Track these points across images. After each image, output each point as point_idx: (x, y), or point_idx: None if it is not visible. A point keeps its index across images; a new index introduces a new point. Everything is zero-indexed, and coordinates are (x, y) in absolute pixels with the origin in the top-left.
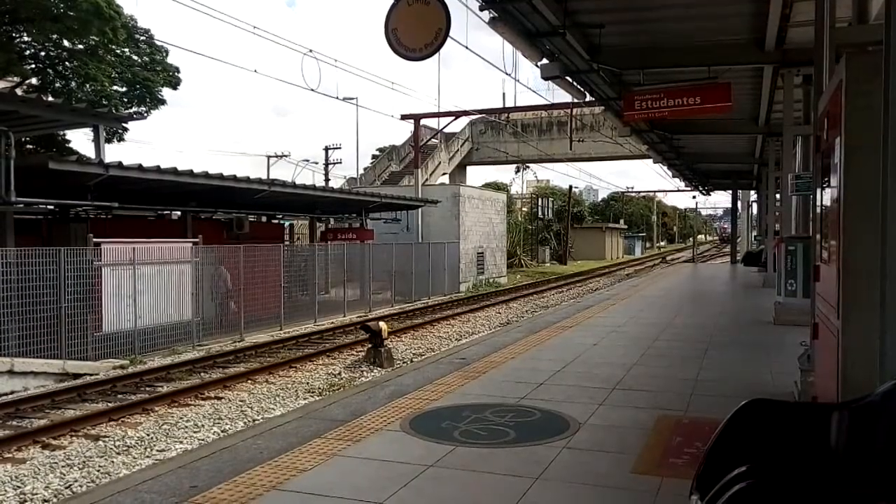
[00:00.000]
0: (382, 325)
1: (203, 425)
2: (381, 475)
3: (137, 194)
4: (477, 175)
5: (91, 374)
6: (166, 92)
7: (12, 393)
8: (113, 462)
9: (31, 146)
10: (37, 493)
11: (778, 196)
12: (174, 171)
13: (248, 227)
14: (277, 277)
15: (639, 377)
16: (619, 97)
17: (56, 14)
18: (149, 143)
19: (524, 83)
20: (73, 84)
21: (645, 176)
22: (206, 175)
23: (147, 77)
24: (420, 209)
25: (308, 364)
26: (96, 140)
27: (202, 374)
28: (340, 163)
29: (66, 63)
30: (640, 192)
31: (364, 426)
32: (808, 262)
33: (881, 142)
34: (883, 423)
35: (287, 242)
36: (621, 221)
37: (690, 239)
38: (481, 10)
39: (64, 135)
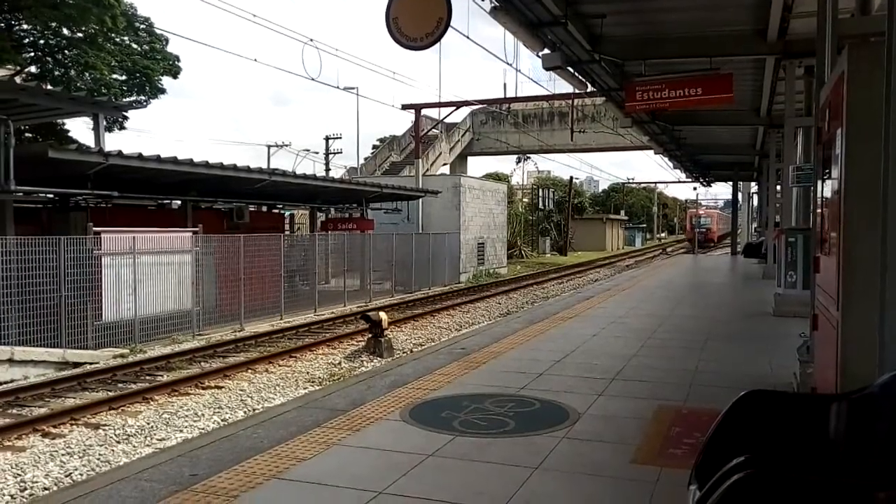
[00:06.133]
0: (383, 315)
1: (203, 414)
2: (381, 464)
3: (137, 183)
4: (478, 165)
5: (91, 363)
6: (166, 81)
7: (12, 381)
8: (113, 450)
9: (30, 135)
10: (37, 482)
11: (779, 188)
12: (174, 160)
13: (248, 217)
14: (278, 267)
15: (638, 368)
16: (620, 88)
17: (55, 2)
18: (149, 132)
19: (525, 73)
20: (73, 72)
21: (646, 167)
22: (206, 164)
23: (147, 66)
24: (421, 199)
25: (308, 354)
26: (96, 129)
27: (202, 363)
28: (341, 152)
29: (66, 51)
30: (640, 183)
31: (364, 416)
32: (808, 254)
33: (882, 133)
34: (882, 415)
35: (287, 232)
36: (622, 212)
37: None
38: None
39: (63, 123)
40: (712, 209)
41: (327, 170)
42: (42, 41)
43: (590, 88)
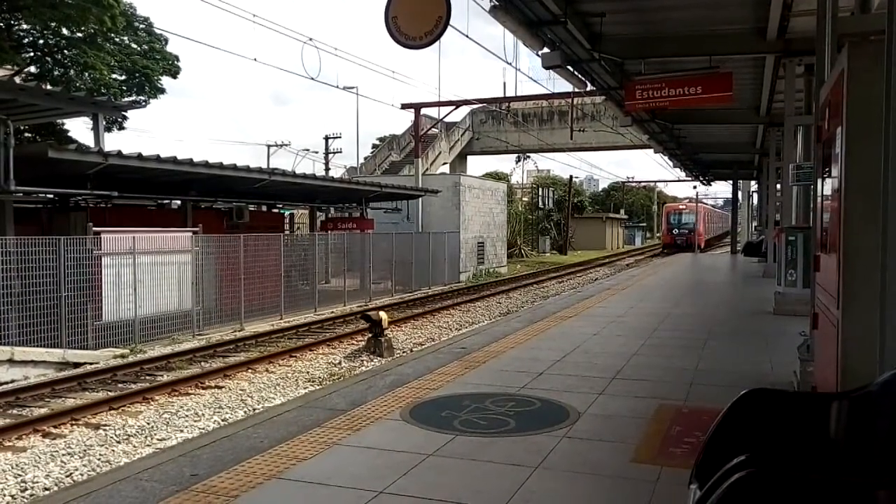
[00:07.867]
0: (383, 314)
1: (203, 414)
2: (381, 464)
3: (137, 183)
4: (477, 164)
5: (91, 363)
6: (166, 80)
7: (12, 382)
8: (113, 451)
9: (29, 135)
10: (38, 482)
11: (779, 186)
12: (174, 160)
13: (248, 217)
14: (278, 267)
15: (638, 367)
16: (620, 86)
17: (54, 1)
18: (148, 132)
19: (525, 72)
20: (72, 72)
21: (645, 166)
22: (205, 164)
23: (146, 65)
24: (420, 199)
25: (308, 353)
26: (95, 129)
27: (202, 363)
28: (340, 152)
29: (65, 51)
30: (640, 182)
31: (364, 415)
32: (808, 252)
33: (882, 131)
34: (882, 413)
35: (287, 232)
36: (622, 211)
37: None
38: None
39: (62, 124)
40: (699, 203)
41: (327, 169)
42: (41, 41)
43: (589, 87)
